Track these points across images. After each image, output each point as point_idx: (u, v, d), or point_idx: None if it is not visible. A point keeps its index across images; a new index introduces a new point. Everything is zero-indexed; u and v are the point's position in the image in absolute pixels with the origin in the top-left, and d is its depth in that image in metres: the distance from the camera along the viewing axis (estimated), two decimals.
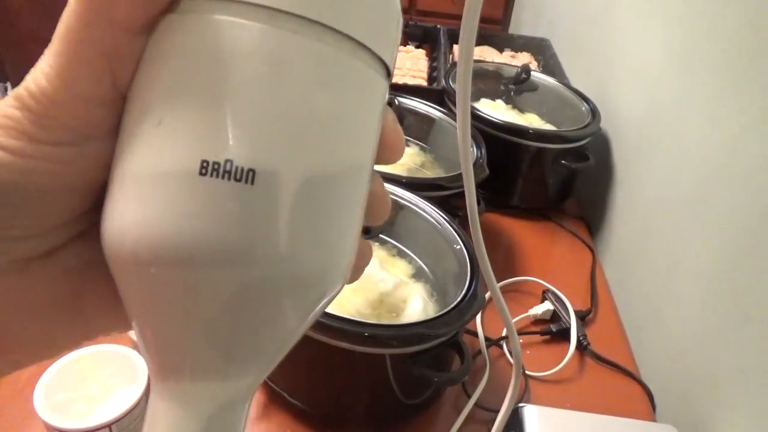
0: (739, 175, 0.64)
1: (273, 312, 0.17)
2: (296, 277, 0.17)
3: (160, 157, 0.16)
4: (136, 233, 0.16)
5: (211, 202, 0.15)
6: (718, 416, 0.62)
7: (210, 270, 0.16)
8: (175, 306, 0.16)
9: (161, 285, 0.16)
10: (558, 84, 1.12)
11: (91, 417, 0.48)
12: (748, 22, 0.67)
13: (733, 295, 0.63)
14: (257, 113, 0.16)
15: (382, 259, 0.66)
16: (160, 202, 0.16)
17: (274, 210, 0.16)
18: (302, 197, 0.16)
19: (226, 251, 0.16)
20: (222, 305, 0.16)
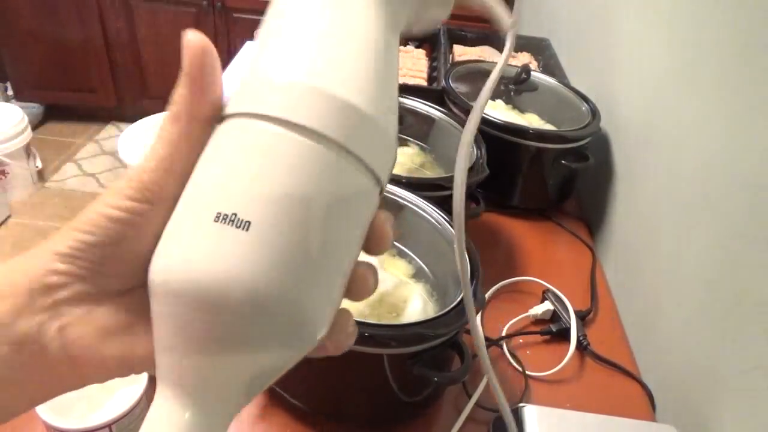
0: (740, 175, 0.64)
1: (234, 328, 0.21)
2: (279, 313, 0.21)
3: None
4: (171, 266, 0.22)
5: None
6: (718, 416, 0.62)
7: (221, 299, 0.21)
8: (187, 323, 0.21)
9: (180, 307, 0.21)
10: (558, 84, 1.12)
11: (91, 417, 0.48)
12: (749, 22, 0.67)
13: (733, 295, 0.63)
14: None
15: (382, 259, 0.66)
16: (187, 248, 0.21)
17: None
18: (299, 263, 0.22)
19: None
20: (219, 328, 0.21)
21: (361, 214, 0.24)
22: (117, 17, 2.40)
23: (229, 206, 0.21)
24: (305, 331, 0.23)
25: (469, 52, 1.37)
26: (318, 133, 0.21)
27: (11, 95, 2.59)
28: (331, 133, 0.22)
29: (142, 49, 2.49)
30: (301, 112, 0.21)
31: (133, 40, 2.46)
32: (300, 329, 0.22)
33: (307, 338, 0.23)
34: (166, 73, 2.54)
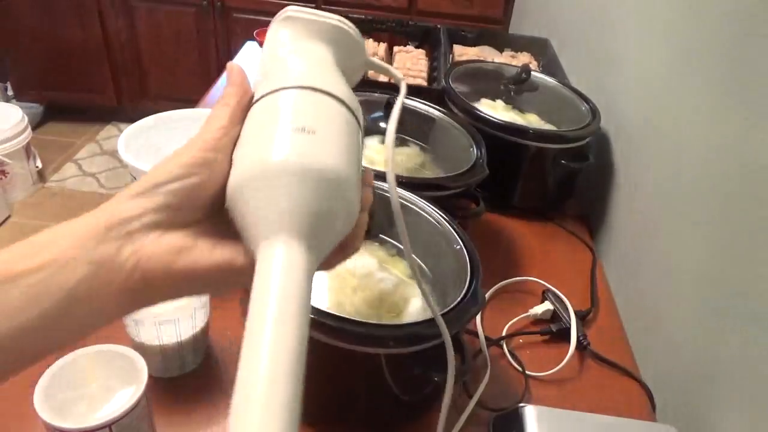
0: (740, 175, 0.64)
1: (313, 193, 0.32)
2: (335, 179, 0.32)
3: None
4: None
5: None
6: (718, 416, 0.62)
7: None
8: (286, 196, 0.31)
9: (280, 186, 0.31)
10: (558, 84, 1.12)
11: (91, 417, 0.48)
12: (749, 22, 0.67)
13: (733, 294, 0.63)
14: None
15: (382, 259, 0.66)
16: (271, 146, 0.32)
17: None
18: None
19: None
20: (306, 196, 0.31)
21: (355, 135, 0.36)
22: (117, 17, 2.40)
23: (299, 123, 0.33)
24: (353, 206, 0.34)
25: (468, 52, 1.37)
26: (319, 89, 0.35)
27: (11, 95, 2.59)
28: (328, 89, 0.36)
29: (142, 49, 2.49)
30: (307, 81, 0.36)
31: (133, 40, 2.46)
32: (350, 203, 0.34)
33: (353, 212, 0.34)
34: (166, 72, 2.54)
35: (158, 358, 0.61)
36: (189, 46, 2.46)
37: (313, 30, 0.40)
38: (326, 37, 0.41)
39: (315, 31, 0.40)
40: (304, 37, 0.40)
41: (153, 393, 0.57)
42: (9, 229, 2.10)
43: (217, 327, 0.68)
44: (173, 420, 0.60)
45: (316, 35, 0.40)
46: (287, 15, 0.40)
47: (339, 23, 0.41)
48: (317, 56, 0.39)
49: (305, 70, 0.37)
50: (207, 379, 0.65)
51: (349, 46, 0.42)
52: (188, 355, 0.64)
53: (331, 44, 0.41)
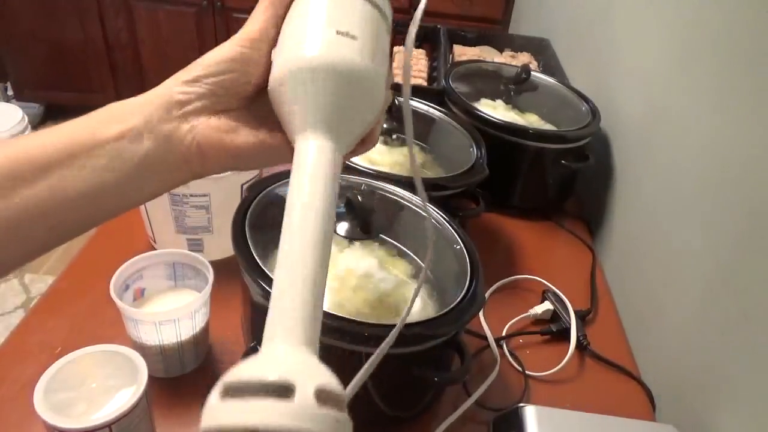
0: (739, 175, 0.64)
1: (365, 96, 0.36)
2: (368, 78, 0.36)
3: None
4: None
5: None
6: (718, 416, 0.62)
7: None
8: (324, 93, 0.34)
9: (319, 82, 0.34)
10: (558, 84, 1.11)
11: (91, 417, 0.48)
12: (749, 22, 0.67)
13: (733, 294, 0.63)
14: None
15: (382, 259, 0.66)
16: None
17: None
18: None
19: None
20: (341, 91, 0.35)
21: (387, 37, 0.39)
22: (117, 17, 2.40)
23: (342, 27, 0.35)
24: (380, 104, 0.37)
25: (468, 52, 1.37)
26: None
27: (11, 95, 2.59)
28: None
29: (142, 49, 2.49)
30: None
31: (133, 40, 2.46)
32: (379, 102, 0.37)
33: (380, 109, 0.38)
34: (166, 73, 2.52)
35: (158, 358, 0.61)
36: (189, 46, 2.46)
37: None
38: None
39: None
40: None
41: (153, 393, 0.57)
42: None
43: (217, 327, 0.68)
44: (173, 420, 0.60)
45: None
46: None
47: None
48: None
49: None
50: (207, 379, 0.65)
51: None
52: (188, 355, 0.64)
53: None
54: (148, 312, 0.61)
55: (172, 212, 0.73)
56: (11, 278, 1.91)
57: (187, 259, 0.65)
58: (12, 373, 0.62)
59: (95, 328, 0.68)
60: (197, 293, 0.64)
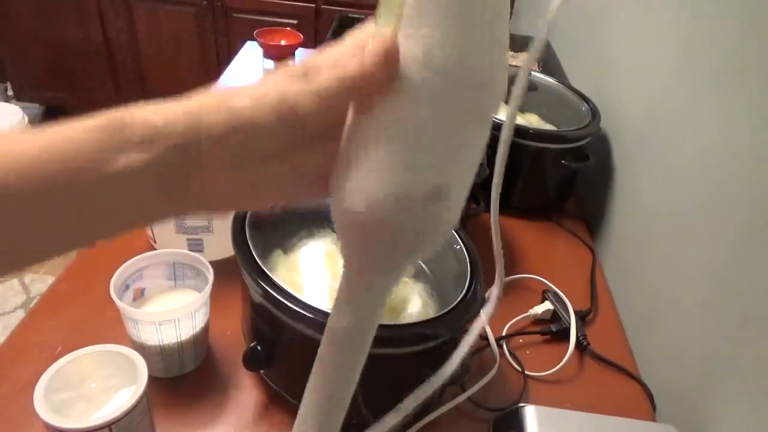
0: (739, 174, 0.64)
1: (420, 247, 0.30)
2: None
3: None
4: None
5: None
6: (718, 416, 0.62)
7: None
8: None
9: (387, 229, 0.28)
10: (558, 84, 1.11)
11: (91, 417, 0.48)
12: (749, 23, 0.67)
13: (733, 295, 0.63)
14: None
15: None
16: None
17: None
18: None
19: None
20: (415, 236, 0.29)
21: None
22: (117, 17, 2.40)
23: (435, 179, 0.28)
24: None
25: None
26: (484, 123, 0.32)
27: (11, 95, 2.59)
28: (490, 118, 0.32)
29: (142, 49, 2.48)
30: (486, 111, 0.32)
31: (133, 40, 2.46)
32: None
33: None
34: (166, 73, 2.54)
35: (158, 358, 0.61)
36: (189, 46, 2.46)
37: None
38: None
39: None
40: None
41: (153, 393, 0.57)
42: None
43: (217, 327, 0.68)
44: (173, 420, 0.60)
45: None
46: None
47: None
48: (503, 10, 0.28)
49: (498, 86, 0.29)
50: (207, 379, 0.65)
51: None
52: (188, 355, 0.64)
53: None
54: (148, 312, 0.61)
55: None
56: (11, 278, 1.90)
57: (187, 259, 0.65)
58: (12, 373, 0.62)
59: (95, 328, 0.68)
60: (197, 293, 0.64)
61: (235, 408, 0.62)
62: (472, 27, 0.25)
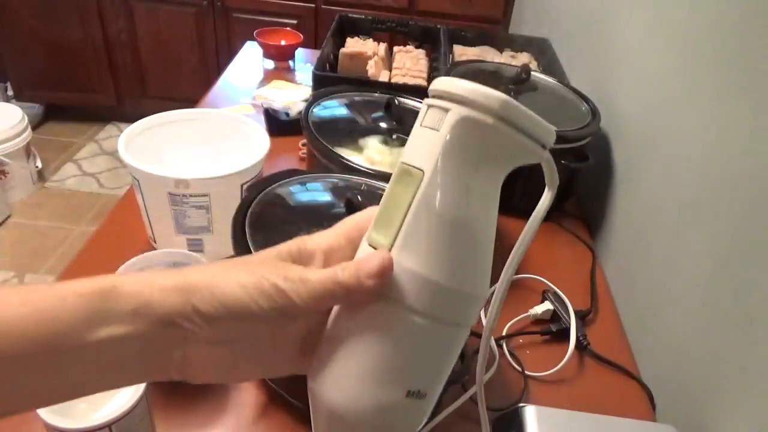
0: (739, 175, 0.64)
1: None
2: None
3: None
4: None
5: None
6: (718, 416, 0.62)
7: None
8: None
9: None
10: (558, 84, 1.11)
11: (91, 417, 0.48)
12: (749, 23, 0.67)
13: (733, 295, 0.63)
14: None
15: None
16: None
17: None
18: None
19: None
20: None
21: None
22: (117, 17, 2.40)
23: (416, 386, 0.29)
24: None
25: (469, 52, 1.37)
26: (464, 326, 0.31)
27: (11, 95, 2.59)
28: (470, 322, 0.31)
29: (142, 49, 2.48)
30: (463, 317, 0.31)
31: (133, 40, 2.46)
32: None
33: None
34: (166, 72, 2.54)
35: None
36: (189, 46, 2.46)
37: (506, 155, 0.30)
38: (512, 166, 0.31)
39: (507, 155, 0.30)
40: (487, 165, 0.29)
41: (153, 393, 0.57)
42: (9, 229, 2.10)
43: None
44: (173, 420, 0.60)
45: (502, 166, 0.31)
46: (488, 124, 0.27)
47: (543, 152, 0.32)
48: (485, 235, 0.31)
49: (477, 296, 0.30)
50: None
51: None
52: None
53: (506, 174, 0.32)
54: None
55: (172, 212, 0.73)
56: (11, 278, 1.91)
57: (187, 259, 0.65)
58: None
59: None
60: None
61: (235, 408, 0.62)
62: (463, 256, 0.29)
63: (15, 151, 2.11)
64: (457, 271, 0.28)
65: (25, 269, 1.93)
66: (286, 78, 1.38)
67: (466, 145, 0.27)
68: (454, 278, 0.28)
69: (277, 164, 0.67)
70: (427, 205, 0.28)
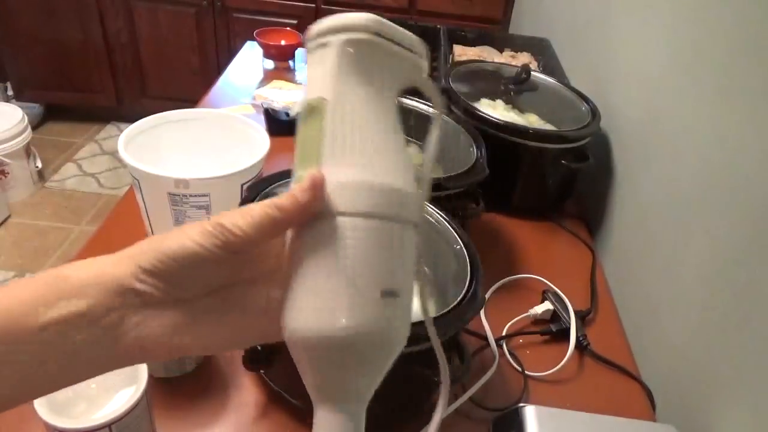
0: (739, 175, 0.64)
1: (382, 362, 0.32)
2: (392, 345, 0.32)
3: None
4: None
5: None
6: (718, 416, 0.62)
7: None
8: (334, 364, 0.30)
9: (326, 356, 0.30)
10: (558, 84, 1.11)
11: (91, 417, 0.48)
12: (749, 23, 0.67)
13: (733, 295, 0.63)
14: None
15: None
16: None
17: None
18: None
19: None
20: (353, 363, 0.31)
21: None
22: (117, 17, 2.40)
23: (387, 284, 0.30)
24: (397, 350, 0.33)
25: (468, 52, 1.37)
26: (410, 222, 0.33)
27: (11, 95, 2.59)
28: (416, 219, 0.33)
29: (142, 49, 2.48)
30: (403, 212, 0.32)
31: (133, 40, 2.46)
32: (397, 350, 0.33)
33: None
34: (166, 72, 2.54)
35: None
36: (189, 46, 2.46)
37: (390, 69, 0.32)
38: (399, 82, 0.34)
39: (392, 69, 0.33)
40: (377, 80, 0.32)
41: (153, 393, 0.57)
42: (9, 229, 2.10)
43: None
44: (173, 420, 0.60)
45: (390, 80, 0.33)
46: (366, 39, 0.31)
47: (417, 56, 0.34)
48: (394, 137, 0.33)
49: (396, 190, 0.31)
50: (207, 379, 0.65)
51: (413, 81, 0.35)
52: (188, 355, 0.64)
53: (397, 92, 0.34)
54: None
55: (172, 212, 0.73)
56: (11, 278, 1.91)
57: None
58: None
59: None
60: None
61: (235, 408, 0.62)
62: (378, 155, 0.31)
63: (15, 151, 2.11)
64: (378, 169, 0.31)
65: (25, 269, 1.93)
66: (286, 78, 1.38)
67: (354, 63, 0.31)
68: (377, 176, 0.30)
69: (277, 164, 0.67)
70: (338, 122, 0.31)
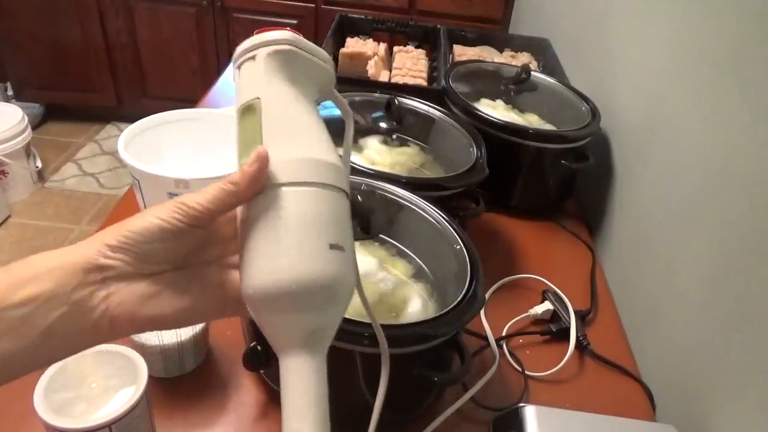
0: (739, 175, 0.64)
1: (339, 304, 0.35)
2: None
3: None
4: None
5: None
6: (718, 416, 0.62)
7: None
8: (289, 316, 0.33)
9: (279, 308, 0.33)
10: (558, 84, 1.12)
11: (91, 417, 0.48)
12: (749, 23, 0.67)
13: (733, 294, 0.63)
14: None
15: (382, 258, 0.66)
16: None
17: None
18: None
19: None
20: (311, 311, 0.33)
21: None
22: (117, 17, 2.40)
23: (333, 238, 0.34)
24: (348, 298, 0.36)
25: (468, 53, 1.37)
26: (340, 189, 0.36)
27: (11, 95, 2.59)
28: (345, 187, 0.36)
29: (142, 49, 2.48)
30: (330, 178, 0.35)
31: (133, 40, 2.46)
32: (348, 299, 0.35)
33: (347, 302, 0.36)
34: (166, 72, 2.54)
35: (158, 358, 0.61)
36: (189, 46, 2.46)
37: (308, 74, 0.39)
38: (316, 87, 0.40)
39: (309, 75, 0.39)
40: (298, 82, 0.38)
41: (153, 393, 0.57)
42: (9, 229, 2.10)
43: (217, 327, 0.68)
44: (173, 420, 0.60)
45: (309, 84, 0.39)
46: (287, 49, 0.38)
47: (328, 66, 0.40)
48: (319, 124, 0.38)
49: (323, 160, 0.35)
50: (207, 379, 0.65)
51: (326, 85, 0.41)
52: (188, 355, 0.64)
53: (315, 95, 0.40)
54: None
55: None
56: None
57: None
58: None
59: None
60: None
61: (235, 408, 0.63)
62: (307, 136, 0.36)
63: (15, 151, 2.11)
64: (311, 148, 0.36)
65: None
66: None
67: (279, 68, 0.37)
68: (311, 152, 0.35)
69: None
70: (272, 113, 0.36)
